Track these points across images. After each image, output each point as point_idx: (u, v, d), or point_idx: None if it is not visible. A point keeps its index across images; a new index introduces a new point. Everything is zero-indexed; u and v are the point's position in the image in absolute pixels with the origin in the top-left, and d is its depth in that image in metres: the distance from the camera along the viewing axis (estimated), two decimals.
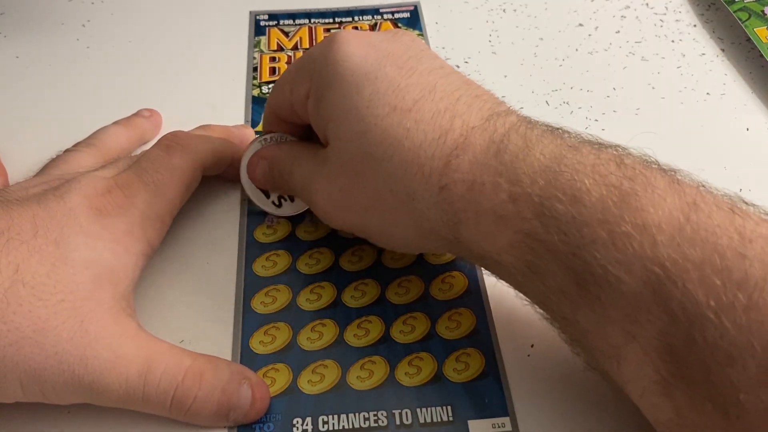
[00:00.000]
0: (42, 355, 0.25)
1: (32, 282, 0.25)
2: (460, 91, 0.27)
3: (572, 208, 0.23)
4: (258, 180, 0.34)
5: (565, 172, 0.23)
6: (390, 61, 0.28)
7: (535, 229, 0.24)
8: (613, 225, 0.22)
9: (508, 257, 0.25)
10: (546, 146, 0.25)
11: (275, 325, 0.31)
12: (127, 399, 0.26)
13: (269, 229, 0.35)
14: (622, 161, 0.24)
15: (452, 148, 0.25)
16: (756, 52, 0.44)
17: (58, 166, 0.33)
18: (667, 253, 0.21)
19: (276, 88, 0.32)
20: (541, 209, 0.23)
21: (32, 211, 0.27)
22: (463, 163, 0.25)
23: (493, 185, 0.24)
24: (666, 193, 0.22)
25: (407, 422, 0.28)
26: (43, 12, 0.48)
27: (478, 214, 0.25)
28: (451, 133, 0.26)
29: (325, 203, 0.30)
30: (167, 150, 0.32)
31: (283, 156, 0.32)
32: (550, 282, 0.24)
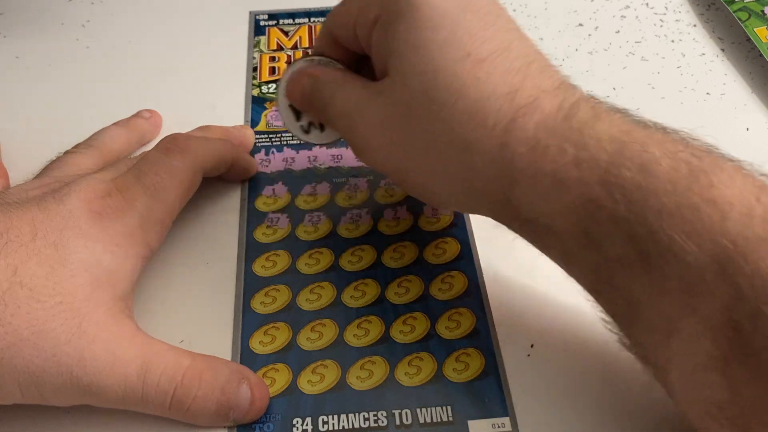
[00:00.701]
0: (40, 357, 0.25)
1: (30, 284, 0.25)
2: (533, 56, 0.27)
3: (640, 176, 0.23)
4: (296, 97, 0.32)
5: (633, 143, 0.23)
6: (471, 8, 0.27)
7: (598, 195, 0.23)
8: (682, 197, 0.22)
9: (563, 222, 0.24)
10: (615, 120, 0.24)
11: (275, 325, 0.31)
12: (126, 400, 0.26)
13: (269, 229, 0.35)
14: (689, 143, 0.24)
15: (520, 105, 0.25)
16: (756, 52, 0.44)
17: (58, 168, 0.33)
18: (738, 230, 0.21)
19: (340, 7, 0.31)
20: (606, 176, 0.23)
21: (31, 214, 0.27)
22: (529, 123, 0.25)
23: (558, 149, 0.24)
24: (735, 175, 0.22)
25: (407, 422, 0.28)
26: (43, 12, 0.48)
27: (536, 175, 0.24)
28: (521, 92, 0.25)
29: (367, 139, 0.29)
30: (167, 153, 0.31)
31: (330, 78, 0.31)
32: (607, 250, 0.24)
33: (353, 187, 0.37)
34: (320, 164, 0.38)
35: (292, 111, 0.33)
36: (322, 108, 0.31)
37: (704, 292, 0.21)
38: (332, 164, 0.38)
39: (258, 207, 0.36)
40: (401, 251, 0.34)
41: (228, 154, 0.35)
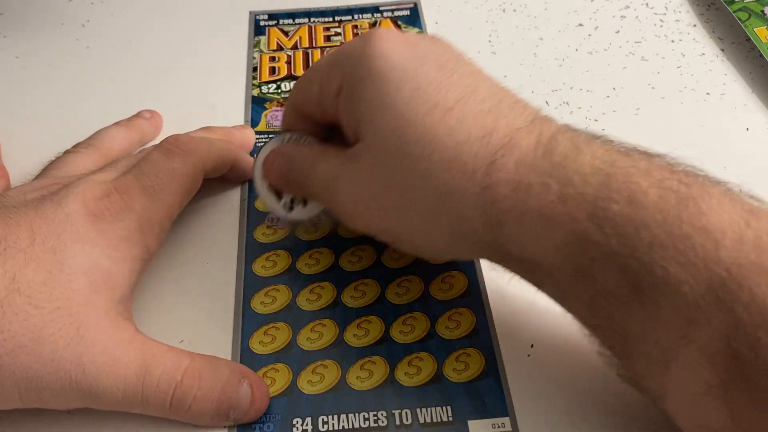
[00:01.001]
0: (39, 363, 0.25)
1: (28, 291, 0.25)
2: (501, 95, 0.27)
3: (629, 208, 0.22)
4: (274, 178, 0.32)
5: (618, 174, 0.23)
6: (429, 60, 0.27)
7: (587, 231, 0.23)
8: (673, 227, 0.22)
9: (554, 260, 0.24)
10: (596, 150, 0.24)
11: (275, 325, 0.31)
12: (126, 402, 0.26)
13: (269, 229, 0.35)
14: (674, 169, 0.23)
15: (497, 147, 0.25)
16: (756, 52, 0.44)
17: (58, 168, 0.33)
18: (732, 257, 0.21)
19: (301, 83, 0.31)
20: (594, 210, 0.23)
21: (29, 219, 0.27)
22: (509, 163, 0.25)
23: (541, 186, 0.24)
24: (723, 200, 0.22)
25: (407, 422, 0.28)
26: (43, 12, 0.48)
27: (523, 214, 0.24)
28: (495, 133, 0.25)
29: (352, 203, 0.29)
30: (168, 154, 0.31)
31: (305, 153, 0.31)
32: (600, 285, 0.23)
33: None
34: None
35: (273, 192, 0.33)
36: (302, 184, 0.31)
37: (701, 321, 0.21)
38: None
39: (258, 207, 0.36)
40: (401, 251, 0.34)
41: (229, 156, 0.35)
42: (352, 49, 0.28)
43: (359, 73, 0.27)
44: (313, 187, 0.31)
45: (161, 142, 0.33)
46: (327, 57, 0.30)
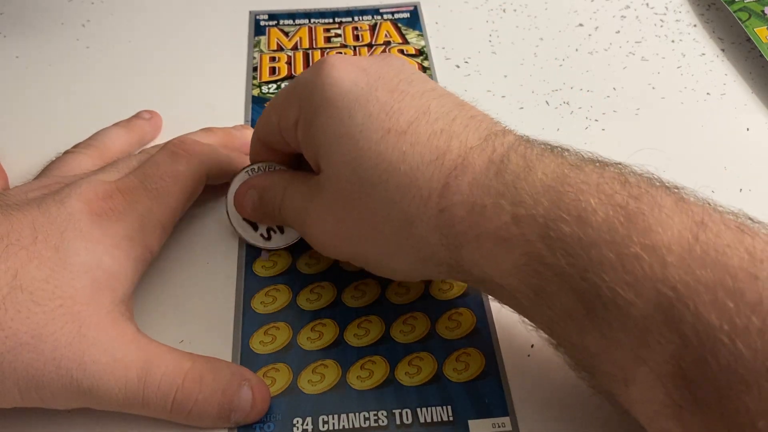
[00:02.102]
0: (40, 361, 0.25)
1: (30, 288, 0.25)
2: (455, 112, 0.27)
3: (578, 229, 0.22)
4: (247, 211, 0.33)
5: (569, 192, 0.23)
6: (381, 84, 0.27)
7: (540, 252, 0.23)
8: (621, 246, 0.22)
9: (512, 281, 0.24)
10: (547, 166, 0.24)
11: (275, 325, 0.31)
12: (126, 403, 0.26)
13: None
14: (627, 180, 0.23)
15: (450, 169, 0.25)
16: (756, 52, 0.44)
17: (58, 168, 0.33)
18: (678, 275, 0.21)
19: (263, 116, 0.32)
20: (546, 231, 0.23)
21: (32, 216, 0.27)
22: (463, 185, 0.25)
23: (494, 207, 0.24)
24: (673, 212, 0.22)
25: (407, 422, 0.28)
26: (43, 12, 0.48)
27: (479, 236, 0.24)
28: (448, 154, 0.25)
29: (319, 233, 0.29)
30: (172, 156, 0.31)
31: (273, 184, 0.32)
32: (556, 306, 0.23)
33: None
34: None
35: (248, 223, 0.33)
36: (275, 215, 0.32)
37: (651, 342, 0.21)
38: None
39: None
40: None
41: (232, 164, 0.35)
42: (306, 80, 0.29)
43: (313, 104, 0.28)
44: (285, 217, 0.31)
45: (166, 143, 0.33)
46: (284, 88, 0.31)
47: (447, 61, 0.45)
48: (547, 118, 0.41)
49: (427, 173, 0.25)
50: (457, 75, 0.44)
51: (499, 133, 0.26)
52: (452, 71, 0.44)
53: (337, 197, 0.27)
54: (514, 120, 0.41)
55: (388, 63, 0.29)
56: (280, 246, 0.33)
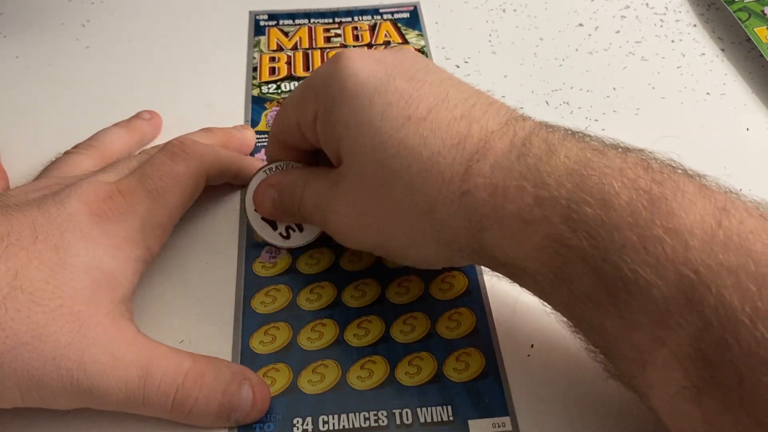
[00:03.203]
0: (40, 361, 0.25)
1: (31, 288, 0.25)
2: (474, 99, 0.27)
3: (601, 211, 0.22)
4: (266, 210, 0.33)
5: (592, 176, 0.23)
6: (398, 74, 0.27)
7: (562, 234, 0.23)
8: (644, 229, 0.22)
9: (534, 264, 0.24)
10: (570, 150, 0.24)
11: (275, 325, 0.31)
12: (127, 403, 0.26)
13: None
14: (649, 165, 0.23)
15: (472, 153, 0.25)
16: (756, 52, 0.44)
17: (58, 168, 0.33)
18: (701, 258, 0.21)
19: (280, 114, 0.32)
20: (568, 213, 0.23)
21: (32, 217, 0.27)
22: (485, 168, 0.25)
23: (517, 189, 0.24)
24: (696, 198, 0.22)
25: (407, 422, 0.28)
26: (43, 12, 0.48)
27: (502, 219, 0.24)
28: (469, 139, 0.25)
29: (342, 225, 0.29)
30: (172, 157, 0.31)
31: (293, 181, 0.32)
32: (577, 288, 0.24)
33: None
34: None
35: (267, 222, 0.33)
36: (295, 211, 0.32)
37: (672, 324, 0.21)
38: None
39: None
40: None
41: (232, 164, 0.35)
42: (323, 73, 0.29)
43: (332, 95, 0.28)
44: (306, 212, 0.31)
45: (166, 144, 0.33)
46: (300, 85, 0.31)
47: (447, 61, 0.45)
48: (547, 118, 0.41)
49: (448, 157, 0.25)
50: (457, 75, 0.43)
51: (519, 119, 0.26)
52: (452, 71, 0.44)
53: (359, 187, 0.28)
54: None
55: (404, 54, 0.29)
56: (300, 244, 0.33)
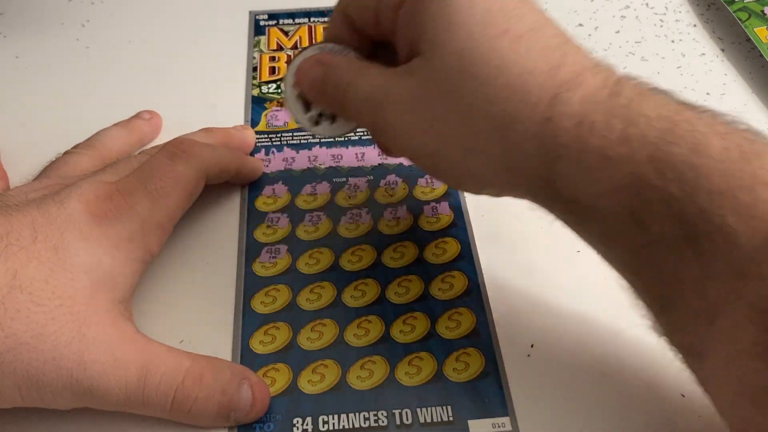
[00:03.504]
0: (40, 361, 0.25)
1: (30, 288, 0.25)
2: (568, 36, 0.26)
3: (692, 156, 0.22)
4: (307, 86, 0.31)
5: (683, 123, 0.23)
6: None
7: (646, 174, 0.23)
8: (736, 178, 0.21)
9: (607, 202, 0.24)
10: (660, 99, 0.24)
11: (275, 325, 0.31)
12: (127, 402, 0.26)
13: (269, 228, 0.35)
14: (738, 126, 0.23)
15: (563, 81, 0.24)
16: (756, 52, 0.44)
17: (58, 169, 0.33)
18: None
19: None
20: (656, 153, 0.23)
21: (31, 217, 0.27)
22: (574, 98, 0.24)
23: (604, 124, 0.23)
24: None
25: (407, 422, 0.28)
26: (43, 12, 0.48)
27: (582, 152, 0.24)
28: (563, 68, 0.25)
29: (400, 120, 0.27)
30: (172, 157, 0.31)
31: (345, 65, 0.30)
32: (653, 231, 0.23)
33: (353, 187, 0.37)
34: (320, 164, 0.38)
35: (301, 101, 0.32)
36: (338, 96, 0.29)
37: (753, 275, 0.21)
38: (332, 164, 0.38)
39: (258, 207, 0.36)
40: (401, 251, 0.34)
41: (232, 164, 0.35)
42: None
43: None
44: (351, 103, 0.29)
45: (165, 144, 0.33)
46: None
47: None
48: None
49: (539, 79, 0.25)
50: None
51: (609, 65, 0.26)
52: None
53: (432, 85, 0.26)
54: None
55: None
56: (326, 135, 0.32)
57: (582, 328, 0.31)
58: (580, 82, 0.24)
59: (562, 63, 0.25)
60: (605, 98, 0.24)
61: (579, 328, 0.31)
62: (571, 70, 0.25)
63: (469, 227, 0.35)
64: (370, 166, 0.38)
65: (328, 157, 0.39)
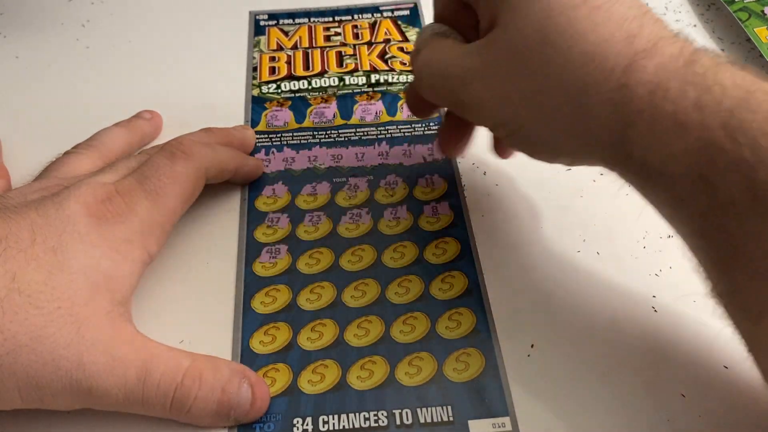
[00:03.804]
0: (39, 362, 0.25)
1: (28, 290, 0.25)
2: (646, 8, 0.27)
3: (766, 125, 0.23)
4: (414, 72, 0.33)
5: (758, 93, 0.23)
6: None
7: (719, 139, 0.23)
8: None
9: (677, 167, 0.25)
10: (736, 71, 0.25)
11: (275, 325, 0.31)
12: (126, 402, 0.26)
13: (269, 229, 0.35)
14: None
15: (639, 50, 0.25)
16: (756, 52, 0.44)
17: (58, 169, 0.33)
18: None
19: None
20: (728, 120, 0.23)
21: (30, 219, 0.27)
22: (649, 66, 0.25)
23: (678, 91, 0.24)
24: None
25: (407, 422, 0.28)
26: (43, 12, 0.48)
27: (655, 117, 0.25)
28: (639, 38, 0.26)
29: (483, 90, 0.29)
30: (171, 158, 0.31)
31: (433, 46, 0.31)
32: (721, 193, 0.24)
33: (353, 187, 0.37)
34: (320, 164, 0.38)
35: None
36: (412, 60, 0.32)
37: None
38: (332, 164, 0.38)
39: (258, 207, 0.36)
40: (401, 251, 0.34)
41: (232, 163, 0.35)
42: None
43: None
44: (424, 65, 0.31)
45: (164, 144, 0.33)
46: None
47: None
48: None
49: (615, 48, 0.25)
50: None
51: (687, 37, 0.26)
52: None
53: (510, 55, 0.27)
54: None
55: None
56: None
57: (582, 328, 0.31)
58: (657, 51, 0.25)
59: (638, 33, 0.26)
60: (681, 66, 0.25)
61: (579, 328, 0.31)
62: (648, 39, 0.26)
63: (469, 227, 0.35)
64: (370, 166, 0.38)
65: (328, 157, 0.39)
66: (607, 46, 0.25)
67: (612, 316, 0.32)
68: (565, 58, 0.26)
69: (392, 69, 0.44)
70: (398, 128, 0.40)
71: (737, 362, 0.30)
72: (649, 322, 0.31)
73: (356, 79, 0.43)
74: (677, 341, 0.31)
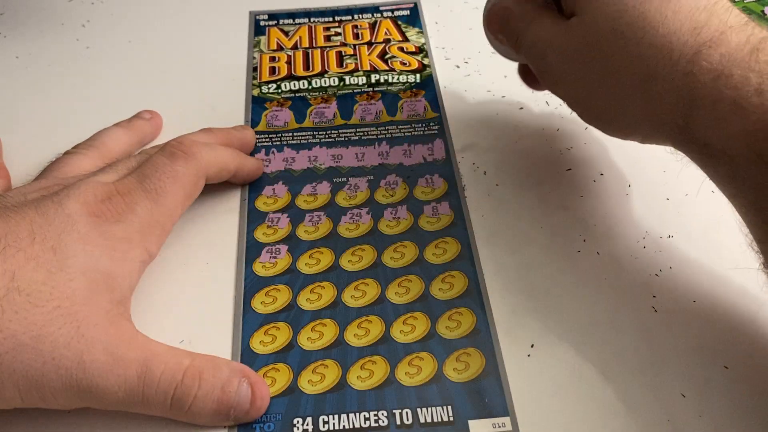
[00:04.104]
0: (39, 361, 0.25)
1: (28, 289, 0.25)
2: None
3: None
4: (492, 28, 0.36)
5: None
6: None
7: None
8: None
9: (738, 146, 0.26)
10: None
11: (275, 325, 0.31)
12: (126, 401, 0.26)
13: (269, 229, 0.35)
14: None
15: (705, 40, 0.27)
16: None
17: (58, 169, 0.33)
18: None
19: None
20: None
21: (30, 218, 0.27)
22: (714, 55, 0.27)
23: (741, 78, 0.26)
24: None
25: (407, 422, 0.28)
26: (43, 12, 0.48)
27: (717, 102, 0.26)
28: (706, 29, 0.27)
29: (557, 67, 0.32)
30: (171, 157, 0.31)
31: (522, 14, 0.34)
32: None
33: (353, 187, 0.37)
34: (320, 164, 0.38)
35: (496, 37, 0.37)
36: (514, 40, 0.34)
37: None
38: (332, 164, 0.38)
39: (258, 207, 0.36)
40: (401, 251, 0.34)
41: (231, 163, 0.35)
42: None
43: None
44: (524, 45, 0.34)
45: (164, 144, 0.33)
46: None
47: (447, 61, 0.45)
48: (547, 119, 0.41)
49: (682, 39, 0.27)
50: (457, 75, 0.44)
51: (758, 25, 0.28)
52: (452, 71, 0.44)
53: (585, 43, 0.30)
54: (514, 120, 0.41)
55: None
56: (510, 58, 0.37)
57: (582, 329, 0.31)
58: (722, 40, 0.27)
59: (706, 24, 0.27)
60: (746, 54, 0.26)
61: (579, 328, 0.31)
62: (715, 29, 0.27)
63: (469, 227, 0.35)
64: (370, 166, 0.38)
65: (328, 157, 0.39)
66: (675, 37, 0.27)
67: (612, 316, 0.32)
68: (635, 49, 0.28)
69: (392, 69, 0.44)
70: (398, 128, 0.40)
71: (737, 362, 0.30)
72: (649, 322, 0.31)
73: (356, 79, 0.43)
74: (677, 341, 0.31)
